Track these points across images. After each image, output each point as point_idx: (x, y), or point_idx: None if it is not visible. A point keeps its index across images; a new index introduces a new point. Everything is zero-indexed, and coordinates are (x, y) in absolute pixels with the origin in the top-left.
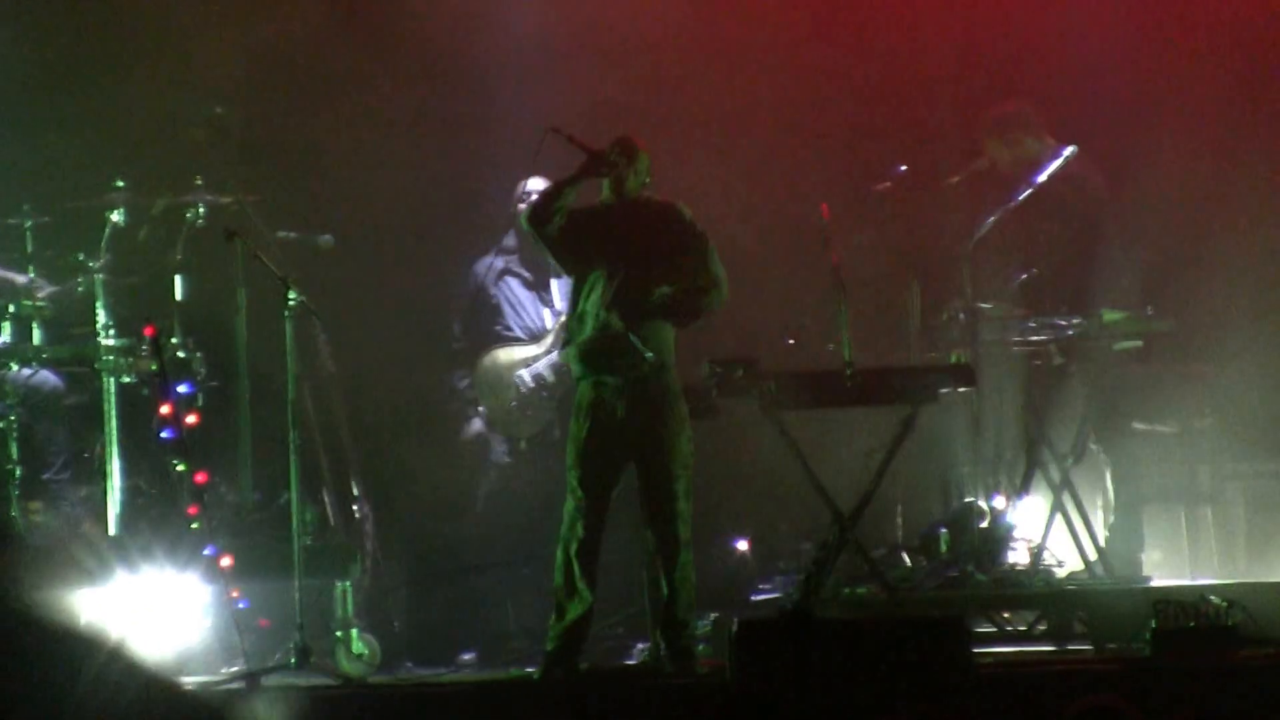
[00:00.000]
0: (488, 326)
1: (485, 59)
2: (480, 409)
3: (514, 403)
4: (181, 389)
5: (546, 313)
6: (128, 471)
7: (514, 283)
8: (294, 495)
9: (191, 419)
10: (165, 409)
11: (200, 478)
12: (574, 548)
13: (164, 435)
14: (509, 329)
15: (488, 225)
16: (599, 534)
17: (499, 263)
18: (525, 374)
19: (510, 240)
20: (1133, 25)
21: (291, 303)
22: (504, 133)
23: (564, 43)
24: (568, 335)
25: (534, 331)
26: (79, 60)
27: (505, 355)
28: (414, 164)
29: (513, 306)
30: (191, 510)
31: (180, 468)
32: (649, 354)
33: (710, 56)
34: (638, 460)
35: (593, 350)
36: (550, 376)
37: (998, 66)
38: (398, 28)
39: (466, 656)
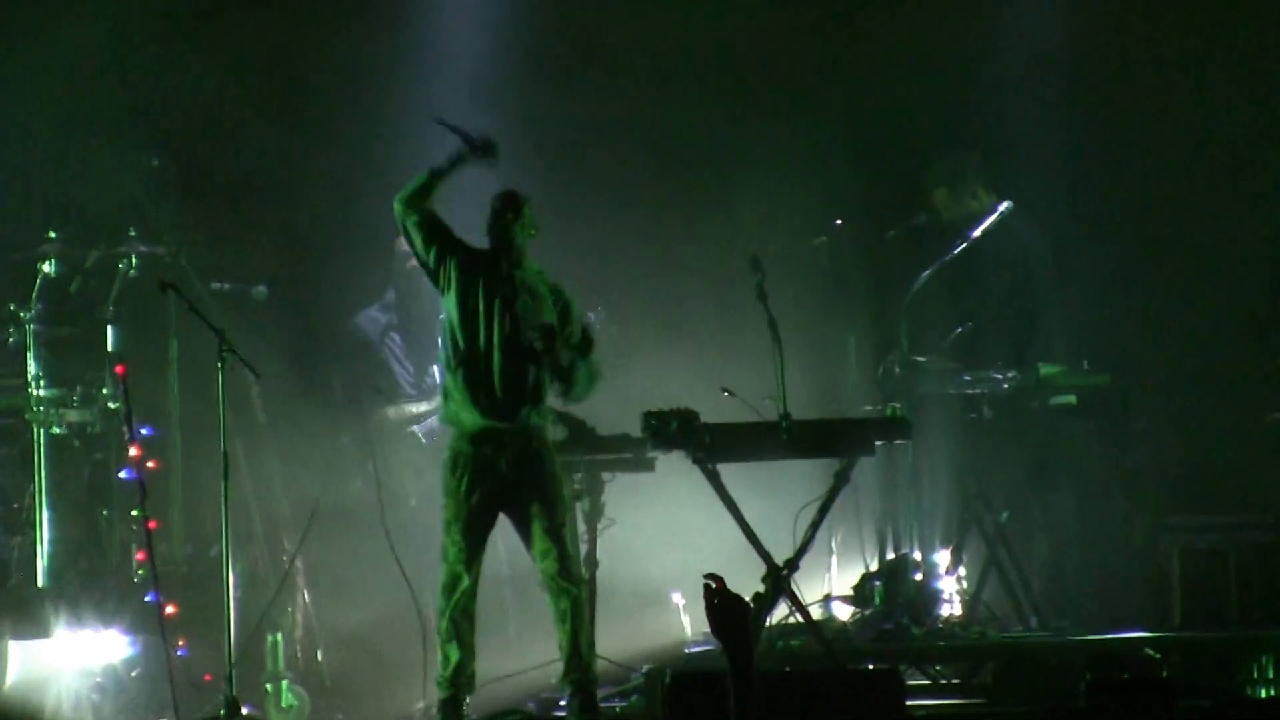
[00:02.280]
0: (377, 384)
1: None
2: (370, 468)
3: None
4: (144, 431)
5: (434, 369)
6: (57, 522)
7: (398, 338)
8: (225, 547)
9: (151, 464)
10: (134, 450)
11: (152, 524)
12: (456, 596)
13: (124, 475)
14: (397, 385)
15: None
16: (477, 581)
17: (382, 318)
18: (418, 430)
19: (391, 295)
20: (1076, 79)
21: (225, 354)
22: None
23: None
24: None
25: (419, 388)
26: (12, 109)
27: (395, 413)
28: (347, 214)
29: (400, 363)
30: (140, 556)
31: (135, 512)
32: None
33: (643, 106)
34: (523, 510)
35: (475, 401)
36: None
37: (939, 120)
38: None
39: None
